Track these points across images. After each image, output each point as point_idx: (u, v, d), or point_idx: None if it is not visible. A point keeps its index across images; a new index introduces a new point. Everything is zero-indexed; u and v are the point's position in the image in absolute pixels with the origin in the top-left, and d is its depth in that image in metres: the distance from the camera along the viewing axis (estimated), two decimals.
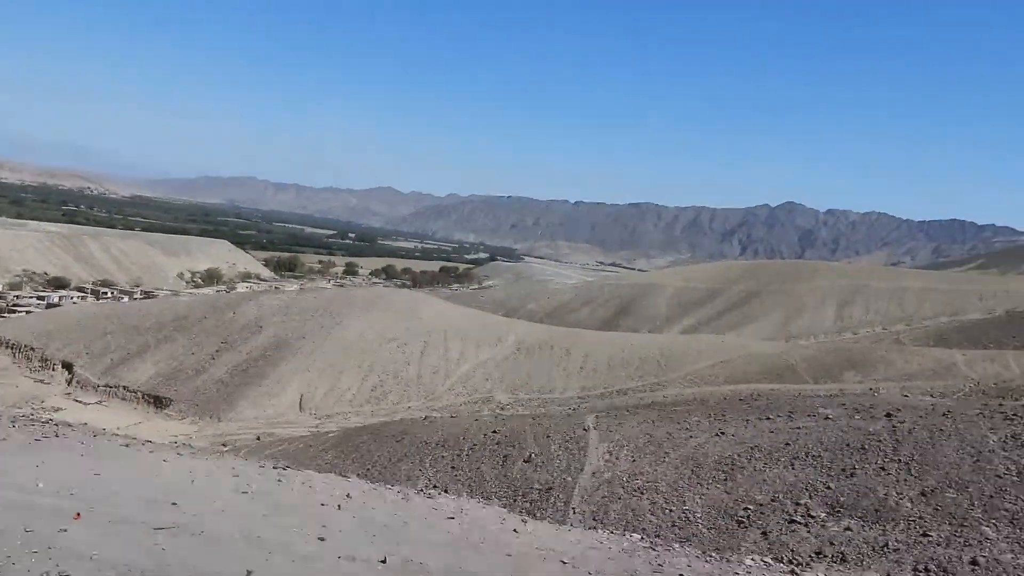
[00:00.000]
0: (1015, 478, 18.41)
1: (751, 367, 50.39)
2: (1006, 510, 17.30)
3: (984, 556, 15.63)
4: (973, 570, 15.42)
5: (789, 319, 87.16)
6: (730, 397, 35.15)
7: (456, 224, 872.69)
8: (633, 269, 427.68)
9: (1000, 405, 22.87)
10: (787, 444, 21.97)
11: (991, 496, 17.91)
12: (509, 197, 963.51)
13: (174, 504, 12.25)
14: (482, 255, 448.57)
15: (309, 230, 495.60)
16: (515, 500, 22.37)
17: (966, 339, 59.43)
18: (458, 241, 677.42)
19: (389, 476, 25.06)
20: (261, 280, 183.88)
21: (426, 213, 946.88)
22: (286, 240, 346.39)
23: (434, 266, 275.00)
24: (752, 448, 22.07)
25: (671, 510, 20.12)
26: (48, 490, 12.29)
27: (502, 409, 50.86)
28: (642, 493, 21.22)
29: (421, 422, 35.41)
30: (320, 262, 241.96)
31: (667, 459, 22.61)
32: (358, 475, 21.42)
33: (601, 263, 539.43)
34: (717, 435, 23.51)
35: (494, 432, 28.27)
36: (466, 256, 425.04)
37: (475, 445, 28.11)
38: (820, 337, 79.87)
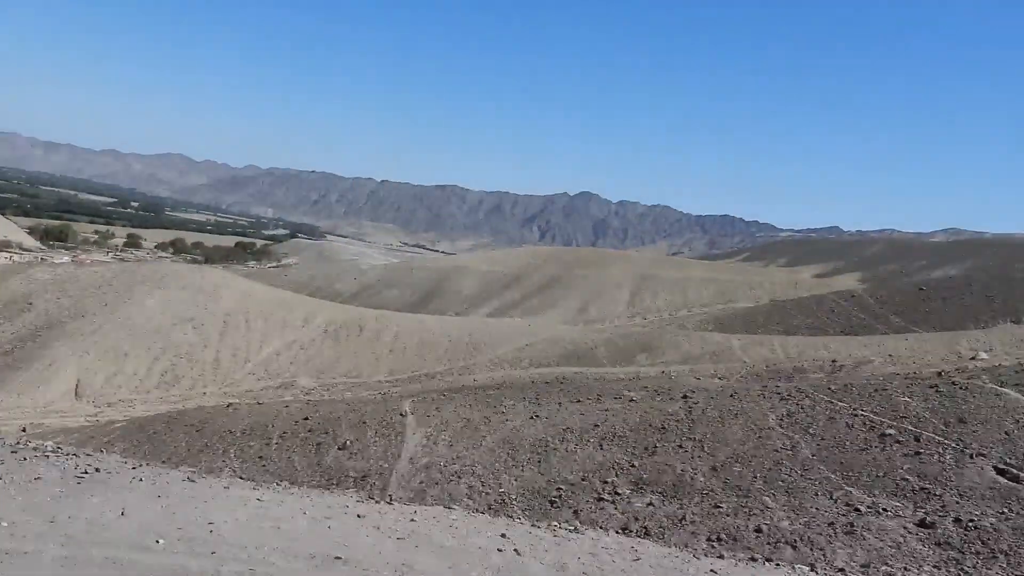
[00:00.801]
0: (789, 452, 20.74)
1: (554, 350, 52.56)
2: (783, 481, 19.44)
3: (766, 523, 17.49)
4: (757, 536, 17.18)
5: (587, 304, 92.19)
6: (537, 380, 36.47)
7: (254, 198, 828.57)
8: (437, 251, 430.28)
9: (777, 386, 25.63)
10: (596, 425, 23.21)
11: (770, 469, 20.04)
12: (312, 172, 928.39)
13: (338, 558, 10.76)
14: (281, 231, 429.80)
15: (84, 196, 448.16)
16: (330, 489, 21.77)
17: (740, 324, 66.03)
18: (255, 216, 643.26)
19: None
20: (24, 250, 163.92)
21: (221, 184, 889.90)
22: (56, 206, 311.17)
23: (228, 241, 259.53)
24: (565, 430, 23.09)
25: (488, 493, 20.58)
26: (177, 547, 10.40)
27: (306, 394, 49.23)
28: (460, 477, 21.51)
29: (223, 410, 33.42)
30: (97, 232, 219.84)
31: (484, 443, 23.08)
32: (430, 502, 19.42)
33: (406, 244, 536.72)
34: (532, 418, 24.35)
35: (306, 419, 27.34)
36: (264, 232, 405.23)
37: (285, 433, 27.02)
38: (615, 322, 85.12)
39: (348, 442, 24.52)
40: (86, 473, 15.35)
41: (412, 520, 14.97)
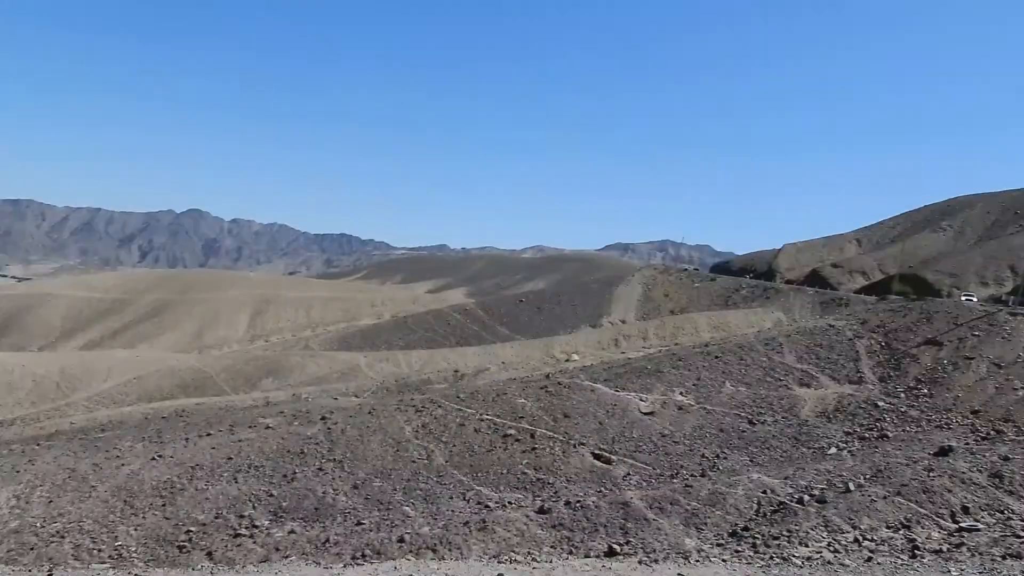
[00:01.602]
0: (426, 461, 21.77)
1: (168, 381, 48.14)
2: (421, 490, 20.32)
3: (408, 532, 18.10)
4: (400, 546, 17.69)
5: (204, 329, 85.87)
6: (154, 416, 33.05)
7: None
8: (7, 276, 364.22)
9: (412, 399, 26.71)
10: (230, 458, 21.81)
11: (409, 480, 20.82)
12: None
13: None
14: None
15: None
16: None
17: (364, 342, 67.37)
18: None
19: None
20: None
21: None
22: None
23: None
24: (193, 467, 21.27)
25: (100, 550, 18.09)
26: None
27: None
28: (63, 537, 18.55)
29: None
30: None
31: (94, 493, 20.18)
32: None
33: None
34: (154, 459, 21.96)
35: None
36: None
37: None
38: (235, 346, 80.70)
39: None
40: None
41: None
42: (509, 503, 19.48)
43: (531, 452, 22.14)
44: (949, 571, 12.33)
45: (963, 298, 48.60)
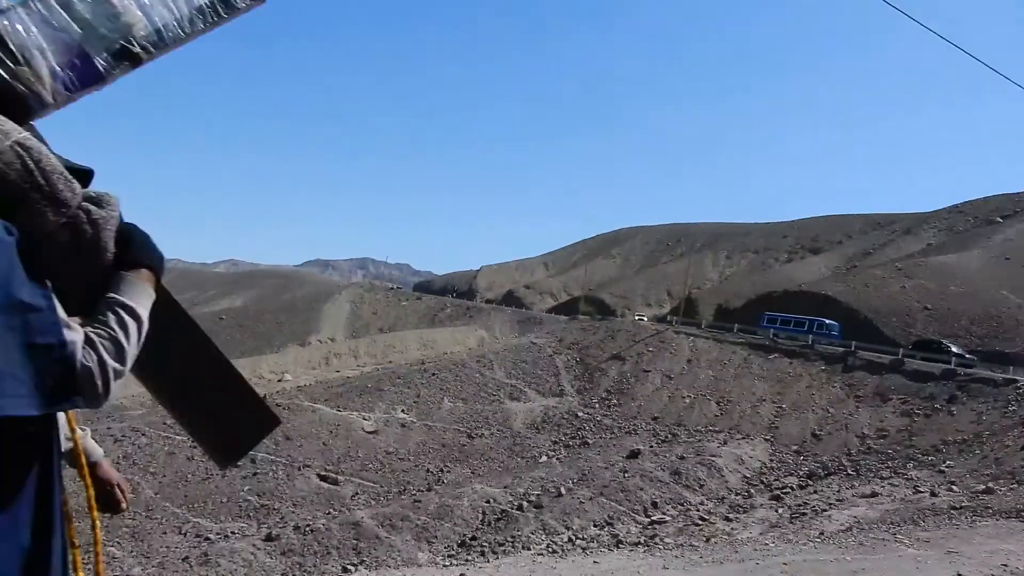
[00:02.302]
0: (131, 495, 19.75)
1: None
2: (127, 527, 18.46)
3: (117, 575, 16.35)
4: None
5: None
6: None
7: None
8: None
9: (108, 429, 23.94)
10: None
11: (110, 517, 18.74)
12: None
13: None
14: None
15: None
16: None
17: None
18: None
19: None
20: None
21: None
22: None
23: None
24: None
25: None
26: None
27: None
28: None
29: None
30: None
31: None
32: None
33: None
34: None
35: None
36: None
37: None
38: None
39: None
40: None
41: None
42: (232, 533, 18.48)
43: (252, 478, 21.20)
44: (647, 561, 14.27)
45: (636, 318, 55.99)
